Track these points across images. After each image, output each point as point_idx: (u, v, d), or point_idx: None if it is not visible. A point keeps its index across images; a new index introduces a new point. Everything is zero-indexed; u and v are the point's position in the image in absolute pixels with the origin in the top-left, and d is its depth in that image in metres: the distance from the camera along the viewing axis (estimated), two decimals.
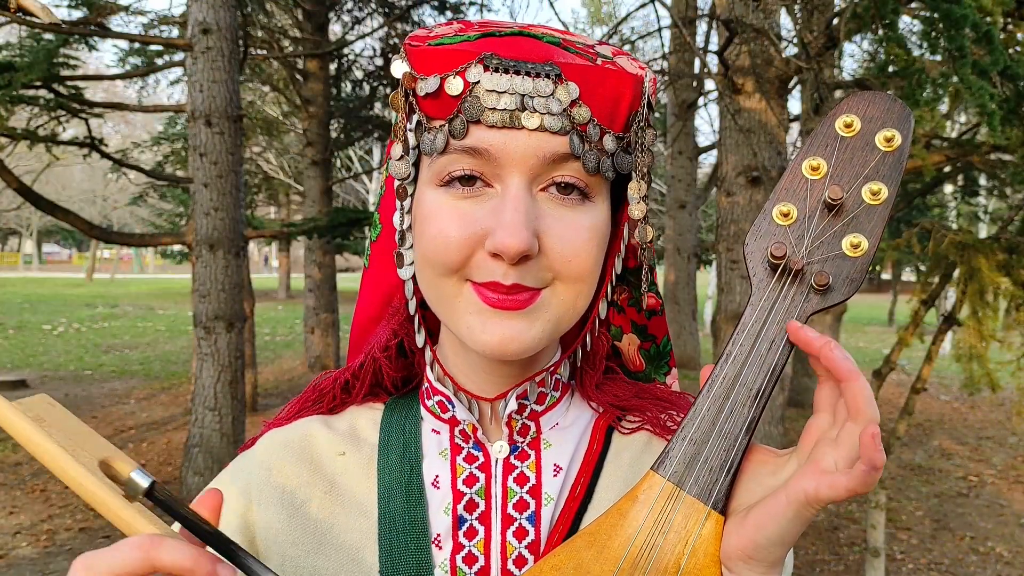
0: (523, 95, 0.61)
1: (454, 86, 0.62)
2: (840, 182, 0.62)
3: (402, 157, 0.67)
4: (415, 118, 0.66)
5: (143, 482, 0.51)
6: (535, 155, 0.62)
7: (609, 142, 0.65)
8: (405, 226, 0.70)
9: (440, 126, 0.63)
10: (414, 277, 0.71)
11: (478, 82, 0.62)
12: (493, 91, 0.61)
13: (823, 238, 0.61)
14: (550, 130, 0.62)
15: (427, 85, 0.63)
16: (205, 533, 0.52)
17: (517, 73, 0.62)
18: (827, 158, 0.63)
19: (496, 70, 0.62)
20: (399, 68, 0.66)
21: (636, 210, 0.69)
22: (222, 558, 0.50)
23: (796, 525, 0.55)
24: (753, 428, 0.60)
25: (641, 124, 0.67)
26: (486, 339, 0.64)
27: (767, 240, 0.62)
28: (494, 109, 0.61)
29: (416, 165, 0.68)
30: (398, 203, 0.70)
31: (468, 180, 0.63)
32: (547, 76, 0.62)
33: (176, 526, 0.59)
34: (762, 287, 0.62)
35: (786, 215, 0.62)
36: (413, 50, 0.65)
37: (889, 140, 0.62)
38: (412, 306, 0.74)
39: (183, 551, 0.48)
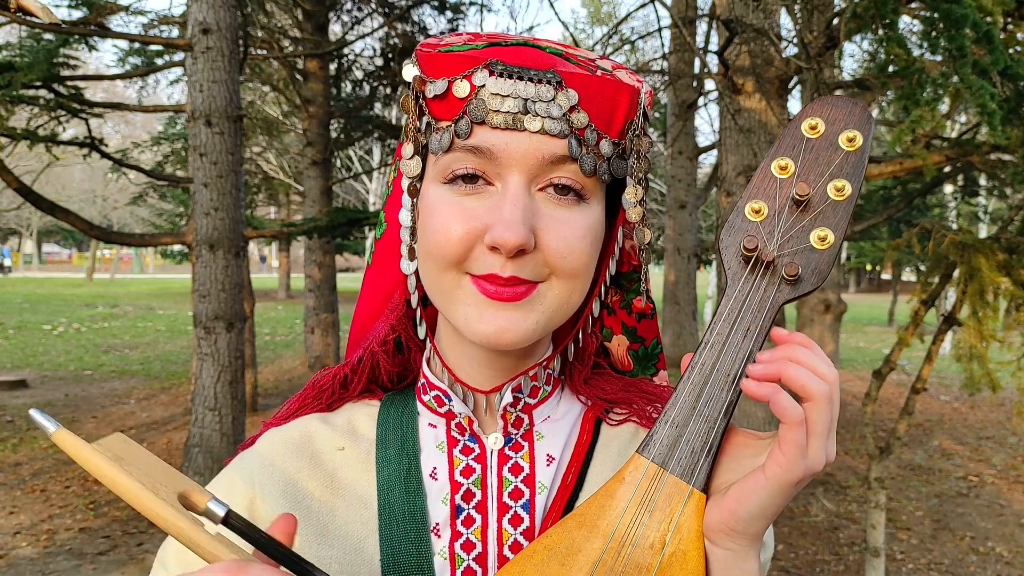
0: (526, 99, 0.65)
1: (461, 89, 0.66)
2: (807, 180, 0.66)
3: (413, 156, 0.71)
4: (424, 119, 0.69)
5: (219, 511, 0.55)
6: (535, 156, 0.65)
7: (606, 147, 0.68)
8: (413, 222, 0.73)
9: (447, 126, 0.67)
10: (416, 272, 0.75)
11: (484, 86, 0.65)
12: (498, 94, 0.65)
13: (792, 232, 0.65)
14: (550, 133, 0.65)
15: (435, 88, 0.67)
16: (282, 555, 0.55)
17: (520, 79, 0.65)
18: (794, 158, 0.67)
19: (501, 75, 0.65)
20: (410, 72, 0.70)
21: (633, 213, 0.73)
22: None
23: (776, 501, 0.59)
24: (731, 411, 0.63)
25: (637, 132, 0.71)
26: (482, 328, 0.67)
27: (740, 235, 0.66)
28: (498, 111, 0.65)
29: (423, 164, 0.72)
30: (408, 200, 0.73)
31: (471, 178, 0.67)
32: (548, 82, 0.66)
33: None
34: (736, 279, 0.65)
35: (757, 212, 0.66)
36: (424, 55, 0.69)
37: (851, 140, 0.66)
38: (414, 300, 0.77)
39: (266, 574, 0.52)
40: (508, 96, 0.65)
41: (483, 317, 0.67)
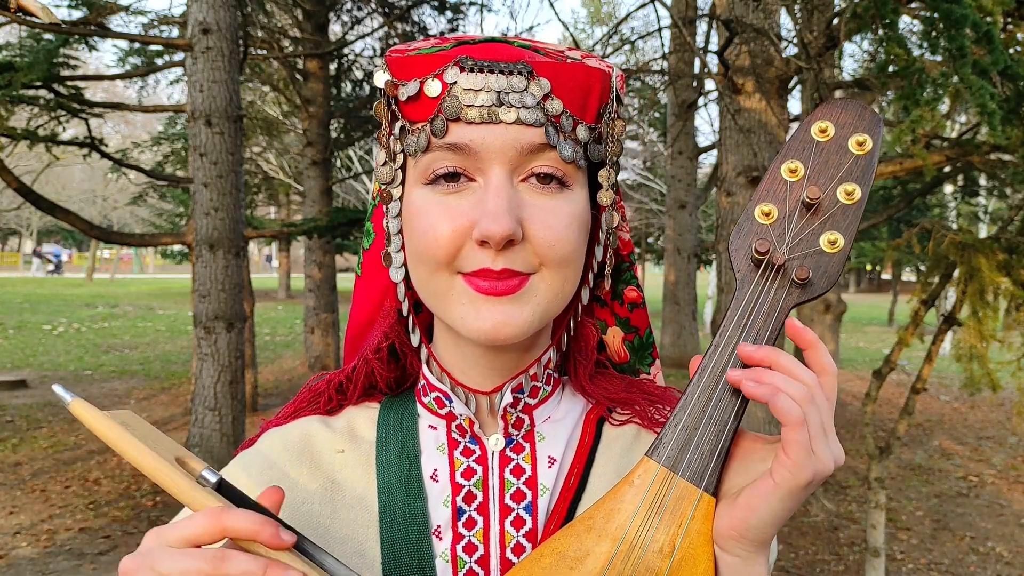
0: (499, 92, 0.65)
1: (433, 88, 0.66)
2: (817, 183, 0.66)
3: (386, 163, 0.71)
4: (398, 124, 0.69)
5: (212, 478, 0.59)
6: (513, 147, 0.65)
7: (582, 132, 0.68)
8: (395, 229, 0.73)
9: (422, 127, 0.67)
10: (406, 279, 0.74)
11: (455, 82, 0.65)
12: (470, 89, 0.65)
13: (802, 235, 0.65)
14: (526, 122, 0.65)
15: (407, 89, 0.67)
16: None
17: (491, 72, 0.66)
18: (804, 161, 0.67)
19: (472, 70, 0.66)
20: (381, 78, 0.70)
21: (604, 196, 0.73)
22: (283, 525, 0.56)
23: (787, 506, 0.58)
24: (741, 415, 0.63)
25: (611, 115, 0.71)
26: (479, 325, 0.66)
27: (750, 238, 0.66)
28: (472, 106, 0.65)
29: (403, 169, 0.72)
30: (384, 207, 0.73)
31: (452, 177, 0.67)
32: (520, 73, 0.66)
33: None
34: (747, 282, 0.65)
35: (767, 214, 0.66)
36: (393, 59, 0.69)
37: (861, 144, 0.66)
38: (405, 307, 0.76)
39: (250, 517, 0.54)
40: (481, 90, 0.65)
41: (479, 314, 0.66)
